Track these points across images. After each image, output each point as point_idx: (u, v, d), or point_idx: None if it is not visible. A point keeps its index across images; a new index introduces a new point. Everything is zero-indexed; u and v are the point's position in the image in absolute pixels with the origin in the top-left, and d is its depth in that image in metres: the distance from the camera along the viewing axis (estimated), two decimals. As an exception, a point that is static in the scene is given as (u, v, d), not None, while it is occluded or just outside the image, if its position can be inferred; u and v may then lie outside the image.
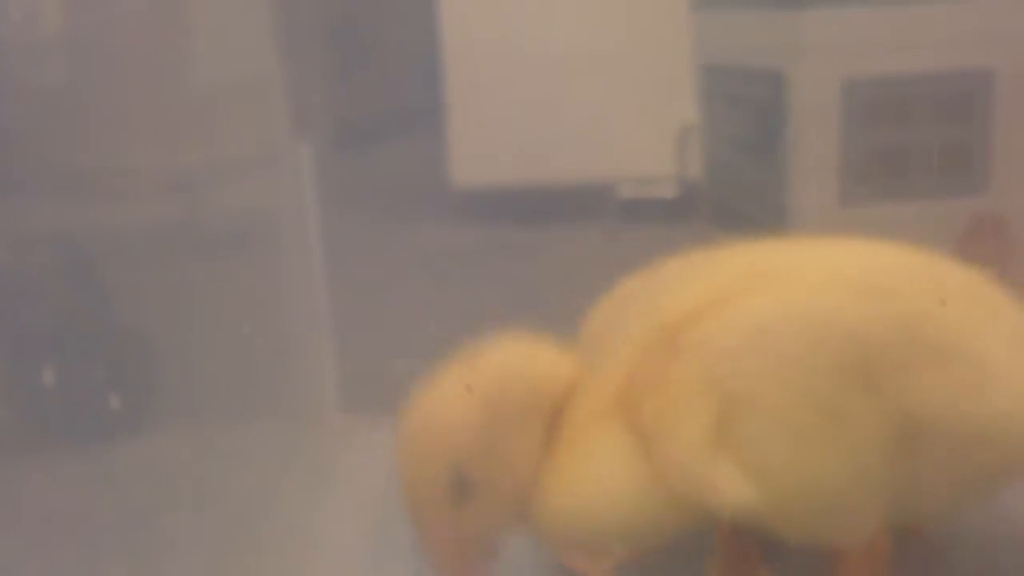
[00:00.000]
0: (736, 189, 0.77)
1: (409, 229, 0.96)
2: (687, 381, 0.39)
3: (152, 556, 0.55)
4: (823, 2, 0.63)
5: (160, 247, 0.67)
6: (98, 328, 0.66)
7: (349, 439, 0.66)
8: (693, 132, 1.02)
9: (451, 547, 0.42)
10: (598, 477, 0.41)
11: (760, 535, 0.46)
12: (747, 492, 0.39)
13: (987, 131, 0.64)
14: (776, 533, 0.43)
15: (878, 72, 0.64)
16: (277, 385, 0.68)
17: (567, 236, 1.06)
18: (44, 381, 0.63)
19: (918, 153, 0.65)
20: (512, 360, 0.43)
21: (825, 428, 0.39)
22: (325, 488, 0.62)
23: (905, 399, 0.39)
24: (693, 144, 1.06)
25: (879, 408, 0.39)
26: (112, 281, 0.67)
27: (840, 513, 0.41)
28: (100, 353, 0.65)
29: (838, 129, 0.66)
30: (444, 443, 0.41)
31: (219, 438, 0.63)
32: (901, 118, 0.66)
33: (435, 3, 1.15)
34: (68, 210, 0.67)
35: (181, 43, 0.71)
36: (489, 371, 0.42)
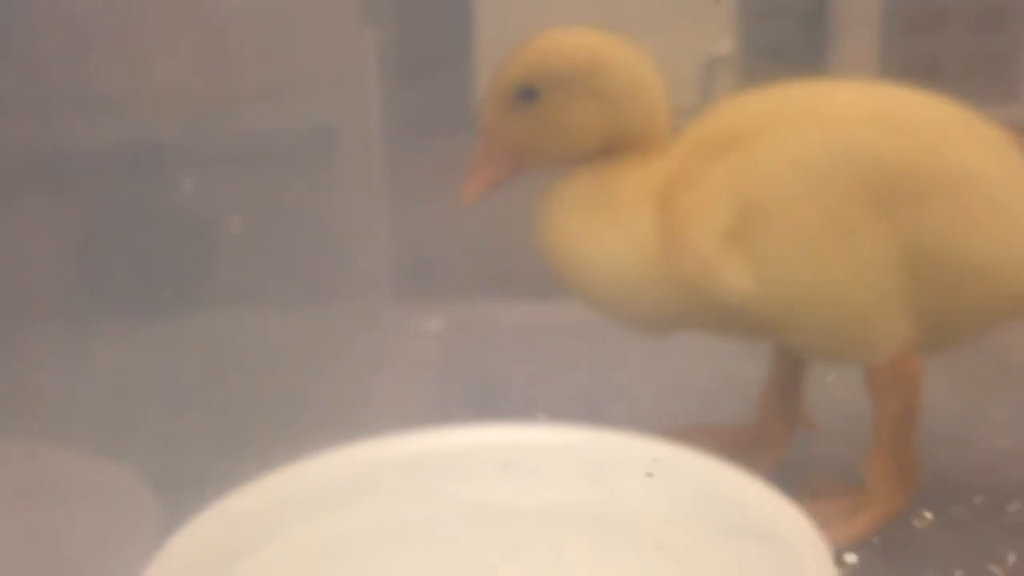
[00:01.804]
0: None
1: (439, 146, 0.98)
2: (719, 184, 0.44)
3: (218, 416, 0.58)
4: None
5: (229, 154, 0.70)
6: (163, 214, 0.69)
7: (402, 324, 0.70)
8: (721, 63, 1.04)
9: (493, 145, 0.47)
10: (619, 238, 0.46)
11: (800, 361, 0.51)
12: (749, 283, 0.43)
13: (1020, 42, 0.67)
14: (794, 344, 0.48)
15: (918, -20, 0.67)
16: (333, 274, 0.71)
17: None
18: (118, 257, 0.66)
19: (953, 61, 0.68)
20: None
21: (838, 241, 0.43)
22: (378, 364, 0.66)
23: (916, 224, 0.43)
24: (720, 74, 1.08)
25: (891, 230, 0.43)
26: (177, 182, 0.70)
27: (850, 324, 0.45)
28: (164, 236, 0.68)
29: (877, 37, 0.68)
30: (532, 53, 0.47)
31: (282, 319, 0.66)
32: (938, 26, 0.68)
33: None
34: (140, 119, 0.70)
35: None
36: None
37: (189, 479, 0.43)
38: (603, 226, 0.46)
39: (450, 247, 0.78)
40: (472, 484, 0.38)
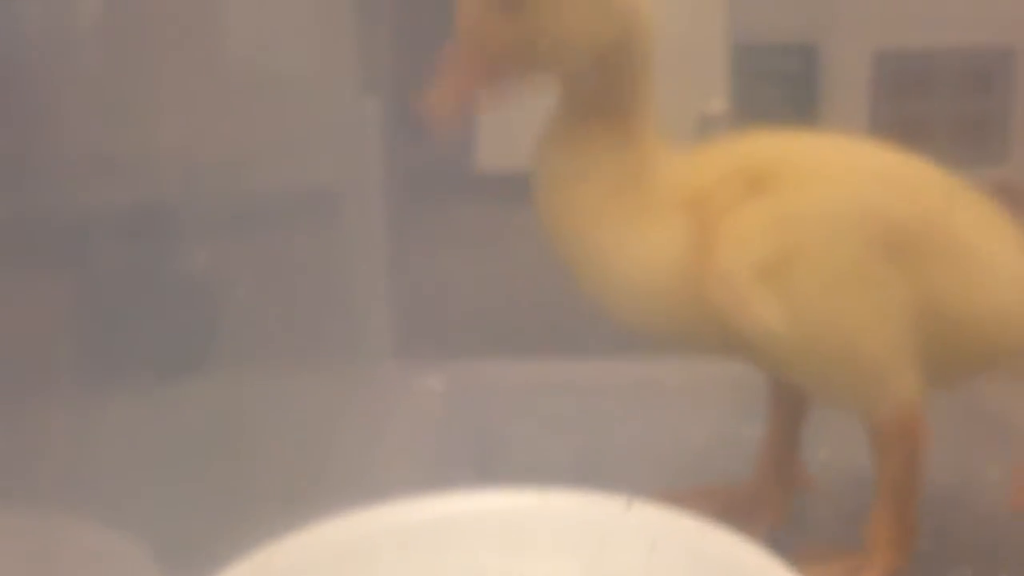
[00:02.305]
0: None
1: (440, 207, 1.00)
2: (757, 220, 0.45)
3: (217, 481, 0.59)
4: (856, -20, 0.67)
5: (230, 215, 0.71)
6: (165, 278, 0.70)
7: (404, 383, 0.71)
8: (715, 121, 1.06)
9: (471, 52, 0.44)
10: (646, 243, 0.46)
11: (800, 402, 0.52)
12: (777, 319, 0.44)
13: (1007, 106, 0.68)
14: (807, 389, 0.50)
15: (906, 45, 0.68)
16: (335, 333, 0.72)
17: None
18: (116, 322, 0.67)
19: (942, 124, 0.69)
20: None
21: (859, 290, 0.45)
22: (381, 424, 0.66)
23: (922, 280, 0.46)
24: (714, 132, 1.10)
25: (903, 283, 0.46)
26: (177, 243, 0.71)
27: (863, 373, 0.47)
28: (166, 300, 0.69)
29: (867, 99, 0.70)
30: None
31: (282, 381, 0.67)
32: (926, 90, 0.70)
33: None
34: (144, 181, 0.71)
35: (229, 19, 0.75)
36: None
37: (192, 546, 0.44)
38: (628, 225, 0.46)
39: (451, 306, 0.79)
40: (472, 552, 0.39)
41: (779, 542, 0.38)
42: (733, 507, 0.51)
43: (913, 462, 0.47)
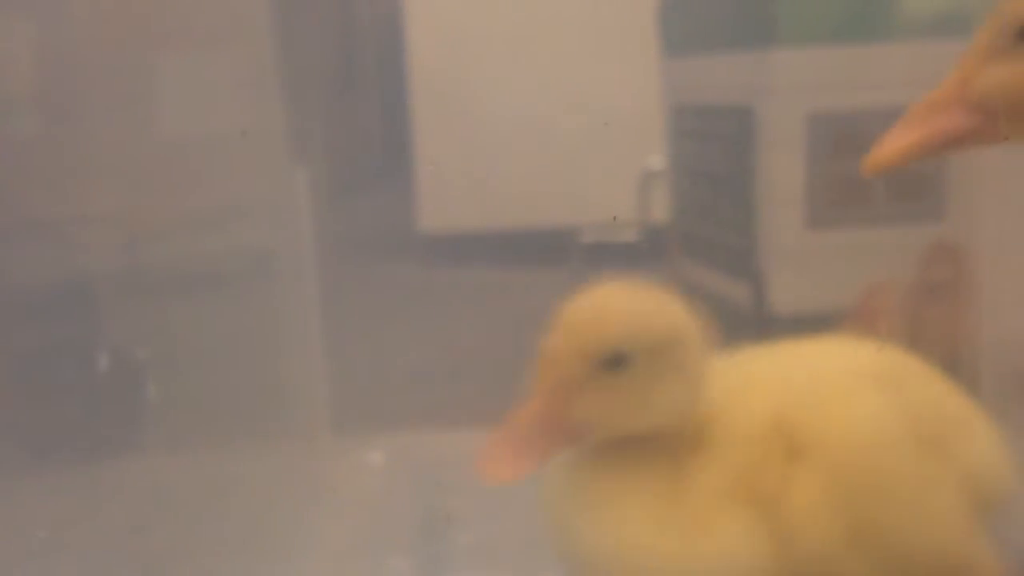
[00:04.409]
0: (707, 220, 0.81)
1: (379, 271, 0.98)
2: (819, 488, 0.42)
3: (147, 566, 0.57)
4: (789, 43, 0.68)
5: (162, 283, 0.69)
6: (94, 354, 0.68)
7: (340, 458, 0.68)
8: (655, 179, 1.06)
9: (554, 413, 0.42)
10: (711, 547, 0.42)
11: None
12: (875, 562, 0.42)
13: (941, 165, 0.69)
14: None
15: (839, 107, 0.69)
16: (270, 407, 0.70)
17: (532, 279, 1.09)
18: (44, 401, 0.64)
19: (877, 183, 0.70)
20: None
21: (932, 494, 0.43)
22: (318, 503, 0.64)
23: (955, 461, 0.44)
24: (655, 190, 1.10)
25: (950, 470, 0.44)
26: (109, 313, 0.69)
27: (960, 565, 0.43)
28: (97, 377, 0.67)
29: (802, 160, 0.70)
30: (623, 317, 0.43)
31: (214, 457, 0.65)
32: (860, 150, 0.70)
33: (403, 53, 1.19)
34: (75, 250, 0.69)
35: (162, 89, 0.73)
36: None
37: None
38: (687, 535, 0.43)
39: (390, 375, 0.78)
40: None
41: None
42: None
43: None
